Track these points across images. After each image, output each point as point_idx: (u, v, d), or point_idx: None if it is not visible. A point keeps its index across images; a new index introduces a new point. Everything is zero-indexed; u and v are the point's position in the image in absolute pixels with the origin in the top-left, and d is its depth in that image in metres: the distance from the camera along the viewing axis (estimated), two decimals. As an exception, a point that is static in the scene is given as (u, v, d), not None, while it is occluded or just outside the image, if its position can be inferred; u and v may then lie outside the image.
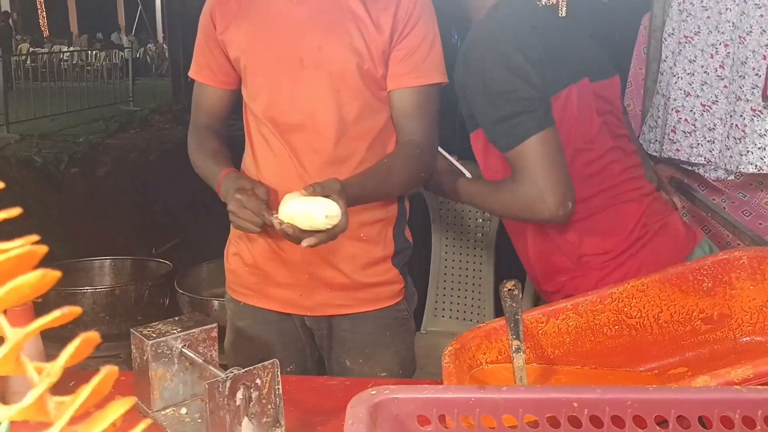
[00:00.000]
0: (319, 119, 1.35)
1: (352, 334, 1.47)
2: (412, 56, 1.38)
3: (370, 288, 1.44)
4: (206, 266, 2.66)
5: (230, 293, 1.52)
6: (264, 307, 1.46)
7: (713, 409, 0.77)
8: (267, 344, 1.47)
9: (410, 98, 1.39)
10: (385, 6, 1.36)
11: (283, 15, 1.37)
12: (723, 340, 1.19)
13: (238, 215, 1.24)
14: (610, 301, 1.19)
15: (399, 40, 1.37)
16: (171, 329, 1.12)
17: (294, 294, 1.43)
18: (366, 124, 1.38)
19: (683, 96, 1.93)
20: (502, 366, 1.14)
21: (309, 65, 1.35)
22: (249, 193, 1.25)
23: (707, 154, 1.89)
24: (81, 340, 0.31)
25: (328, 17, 1.36)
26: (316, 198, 1.16)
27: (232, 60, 1.41)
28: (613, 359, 1.18)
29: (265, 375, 1.00)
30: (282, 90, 1.36)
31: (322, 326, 1.48)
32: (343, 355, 1.49)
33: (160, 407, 1.11)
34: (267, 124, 1.39)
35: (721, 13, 1.81)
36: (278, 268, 1.42)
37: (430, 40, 1.39)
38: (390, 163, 1.38)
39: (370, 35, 1.35)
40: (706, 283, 1.19)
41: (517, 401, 0.77)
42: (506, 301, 1.17)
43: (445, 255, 2.60)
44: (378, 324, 1.47)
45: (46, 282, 0.31)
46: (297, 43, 1.35)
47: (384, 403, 0.76)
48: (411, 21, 1.37)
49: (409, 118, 1.39)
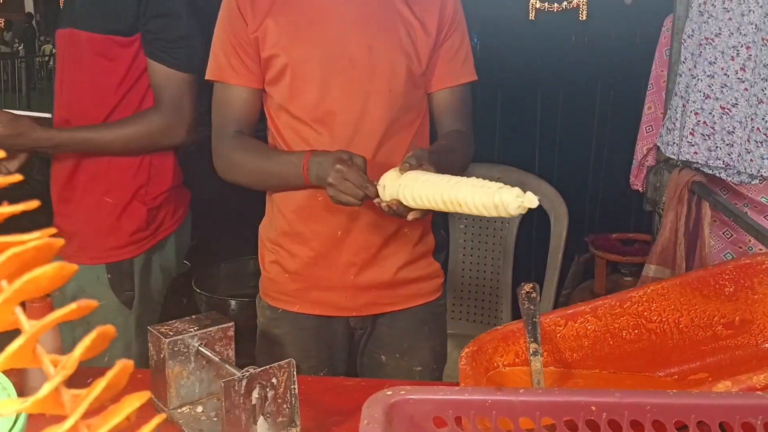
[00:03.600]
0: (370, 119, 1.35)
1: (391, 329, 1.48)
2: (455, 56, 1.44)
3: (413, 284, 1.46)
4: (224, 266, 2.67)
5: (267, 300, 1.50)
6: (307, 312, 1.45)
7: (734, 415, 0.75)
8: (302, 350, 1.46)
9: (453, 96, 1.45)
10: (428, 8, 1.39)
11: (328, 12, 1.35)
12: (744, 346, 1.17)
13: (339, 188, 1.19)
14: (630, 305, 1.18)
15: (444, 41, 1.42)
16: (188, 327, 1.13)
17: (340, 296, 1.43)
18: (409, 124, 1.41)
19: (702, 98, 1.90)
20: (520, 369, 1.13)
21: (360, 65, 1.34)
22: (349, 164, 1.21)
23: (726, 158, 1.86)
24: (97, 333, 0.31)
25: (376, 17, 1.36)
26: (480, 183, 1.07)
27: (265, 59, 1.36)
28: (632, 364, 1.17)
29: (281, 374, 1.00)
30: (332, 90, 1.34)
31: (366, 325, 1.49)
32: (379, 351, 1.50)
33: (176, 405, 1.11)
34: (311, 124, 1.36)
35: (743, 15, 1.78)
36: (323, 273, 1.42)
37: (467, 39, 1.45)
38: (450, 145, 1.41)
39: (417, 37, 1.38)
40: (728, 287, 1.17)
41: (535, 404, 0.76)
42: (524, 303, 1.16)
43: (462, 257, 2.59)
44: (418, 319, 1.49)
45: (63, 274, 0.31)
46: (346, 43, 1.34)
47: (400, 404, 0.75)
48: (454, 22, 1.42)
49: (452, 112, 1.45)
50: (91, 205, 1.66)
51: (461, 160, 1.43)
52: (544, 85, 3.39)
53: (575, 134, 3.42)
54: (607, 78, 3.31)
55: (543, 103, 3.45)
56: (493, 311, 2.59)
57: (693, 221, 1.99)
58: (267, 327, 1.50)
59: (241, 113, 1.40)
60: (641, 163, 2.34)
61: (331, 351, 1.49)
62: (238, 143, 1.39)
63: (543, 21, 3.18)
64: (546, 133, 3.45)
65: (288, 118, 1.38)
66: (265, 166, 1.37)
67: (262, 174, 1.38)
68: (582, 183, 3.44)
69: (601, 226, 3.33)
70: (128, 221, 1.67)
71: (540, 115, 3.47)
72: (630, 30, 3.17)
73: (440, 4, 1.40)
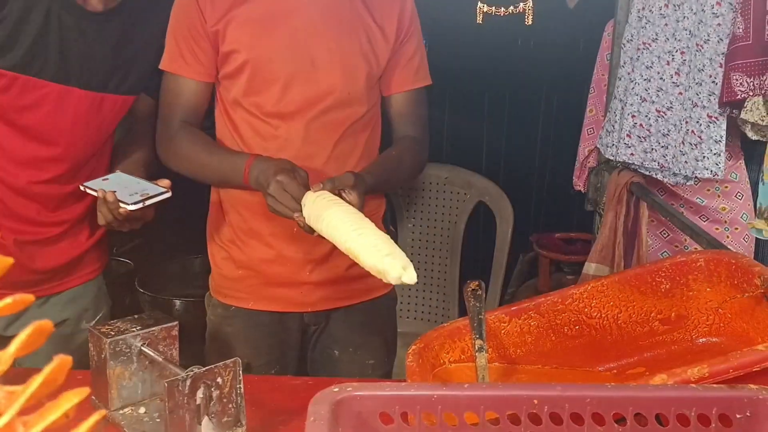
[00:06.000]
0: (327, 120, 1.37)
1: (345, 323, 1.50)
2: (411, 61, 1.46)
3: (367, 278, 1.47)
4: (168, 266, 2.61)
5: (219, 298, 1.49)
6: (261, 309, 1.45)
7: (670, 407, 0.78)
8: (254, 348, 1.45)
9: (409, 100, 1.47)
10: (388, 14, 1.41)
11: (292, 11, 1.35)
12: (680, 341, 1.21)
13: (277, 198, 1.19)
14: (571, 302, 1.20)
15: (400, 45, 1.44)
16: (130, 327, 1.10)
17: (295, 292, 1.44)
18: (364, 126, 1.43)
19: (639, 101, 1.96)
20: (465, 365, 1.14)
21: (321, 67, 1.35)
22: (291, 176, 1.20)
23: (661, 159, 1.92)
24: (33, 329, 0.30)
25: (339, 20, 1.37)
26: (380, 241, 1.08)
27: (224, 53, 1.35)
28: (574, 359, 1.20)
29: (227, 374, 0.99)
30: (291, 90, 1.35)
31: (320, 321, 1.50)
32: (333, 346, 1.51)
33: (118, 406, 1.09)
34: (267, 120, 1.36)
35: (678, 21, 1.85)
36: (279, 269, 1.42)
37: (422, 45, 1.48)
38: (398, 156, 1.44)
39: (377, 42, 1.40)
40: (664, 284, 1.21)
41: (479, 398, 0.78)
42: (470, 300, 1.17)
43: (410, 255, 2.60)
44: (371, 312, 1.51)
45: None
46: (308, 44, 1.35)
47: (346, 401, 0.76)
48: (411, 27, 1.45)
49: (408, 117, 1.47)
50: (80, 224, 1.53)
51: (409, 169, 1.48)
52: (491, 87, 3.45)
53: (521, 136, 3.49)
54: (551, 81, 3.39)
55: (490, 105, 3.51)
56: (440, 309, 2.62)
57: (631, 221, 2.05)
58: (218, 325, 1.49)
59: (189, 104, 1.39)
60: (583, 164, 2.40)
61: (283, 348, 1.49)
62: (184, 134, 1.38)
63: (490, 25, 3.23)
64: (492, 135, 3.51)
65: (243, 112, 1.38)
66: (207, 161, 1.36)
67: (204, 169, 1.37)
68: (527, 183, 3.51)
69: (545, 225, 3.40)
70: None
71: (487, 117, 3.52)
72: (574, 35, 3.25)
73: (399, 10, 1.42)
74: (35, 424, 0.29)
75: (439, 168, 2.59)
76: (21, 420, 0.29)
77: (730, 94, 1.60)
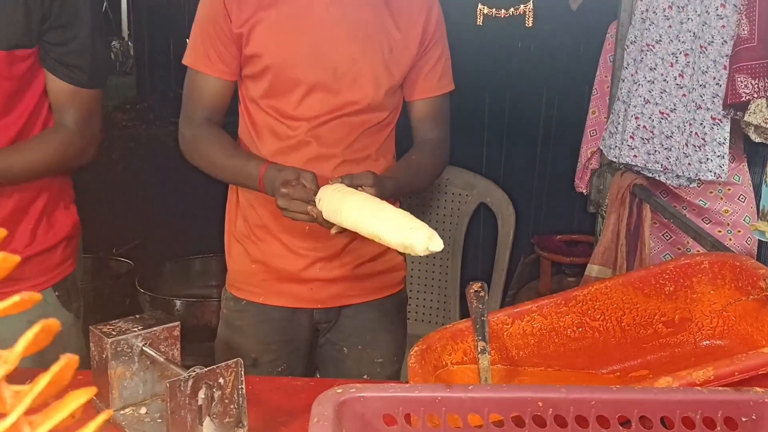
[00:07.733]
0: (345, 123, 1.38)
1: (355, 321, 1.50)
2: (435, 68, 1.46)
3: (378, 276, 1.49)
4: (168, 266, 2.61)
5: (232, 291, 1.51)
6: (272, 304, 1.46)
7: (675, 410, 0.78)
8: (263, 343, 1.47)
9: (432, 105, 1.48)
10: (414, 20, 1.41)
11: (315, 19, 1.35)
12: (684, 344, 1.20)
13: (288, 209, 1.21)
14: (574, 303, 1.20)
15: (425, 52, 1.44)
16: (132, 327, 1.10)
17: (305, 289, 1.44)
18: (382, 129, 1.44)
19: (643, 103, 1.96)
20: (468, 367, 1.14)
21: (342, 75, 1.36)
22: (294, 184, 1.22)
23: (664, 161, 1.92)
24: (40, 328, 0.30)
25: (362, 29, 1.37)
26: (399, 216, 1.09)
27: (247, 56, 1.37)
28: (577, 361, 1.19)
29: (229, 374, 0.99)
30: (311, 96, 1.36)
31: (330, 318, 1.50)
32: (342, 343, 1.51)
33: (120, 407, 1.08)
34: (286, 122, 1.38)
35: (682, 22, 1.84)
36: (290, 265, 1.43)
37: (447, 51, 1.48)
38: (419, 160, 1.44)
39: (399, 51, 1.40)
40: (668, 287, 1.21)
41: (483, 400, 0.77)
42: (472, 302, 1.17)
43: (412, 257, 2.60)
44: (382, 310, 1.51)
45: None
46: (331, 52, 1.35)
47: (350, 402, 0.75)
48: (436, 34, 1.45)
49: (430, 121, 1.48)
50: (21, 230, 1.43)
51: (429, 174, 1.49)
52: (492, 89, 3.45)
53: (522, 137, 3.48)
54: (553, 83, 3.38)
55: (490, 106, 3.50)
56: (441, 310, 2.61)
57: (634, 223, 2.05)
58: (229, 319, 1.51)
59: (211, 102, 1.41)
60: (585, 166, 2.39)
61: (292, 345, 1.50)
62: (206, 133, 1.40)
63: (490, 26, 3.23)
64: (494, 136, 3.51)
65: (261, 112, 1.40)
66: (226, 164, 1.39)
67: (222, 171, 1.40)
68: (528, 185, 3.51)
69: (546, 227, 3.40)
70: (61, 231, 1.46)
71: (488, 119, 3.52)
72: (575, 36, 3.25)
73: (425, 18, 1.42)
74: (41, 424, 0.28)
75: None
76: (27, 420, 0.29)
77: (734, 96, 1.59)
